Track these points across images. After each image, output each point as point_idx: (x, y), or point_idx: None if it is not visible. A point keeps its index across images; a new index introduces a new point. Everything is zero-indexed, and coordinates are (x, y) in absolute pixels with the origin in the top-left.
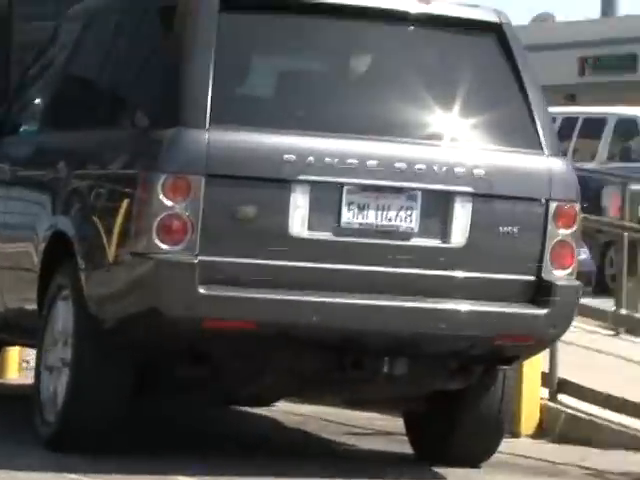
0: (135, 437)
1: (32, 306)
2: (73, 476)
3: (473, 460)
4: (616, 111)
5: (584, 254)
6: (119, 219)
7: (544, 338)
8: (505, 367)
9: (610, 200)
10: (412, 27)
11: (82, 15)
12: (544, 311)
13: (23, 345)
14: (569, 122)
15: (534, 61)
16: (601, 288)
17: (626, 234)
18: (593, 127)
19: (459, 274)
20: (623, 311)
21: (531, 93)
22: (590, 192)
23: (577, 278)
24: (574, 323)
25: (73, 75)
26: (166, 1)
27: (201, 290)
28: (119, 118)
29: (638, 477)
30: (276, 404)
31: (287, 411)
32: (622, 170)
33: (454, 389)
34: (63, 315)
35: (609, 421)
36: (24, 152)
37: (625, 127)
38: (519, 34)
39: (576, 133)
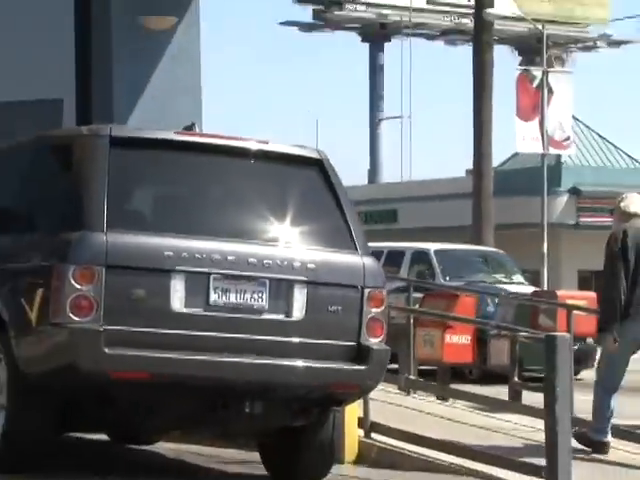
0: (59, 461)
1: None
2: None
3: (313, 477)
4: (412, 245)
5: None
6: (40, 299)
7: (364, 387)
8: (336, 408)
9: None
10: (255, 161)
11: (5, 151)
12: (363, 367)
13: None
14: (376, 254)
15: None
16: None
17: (412, 318)
18: (395, 257)
19: (299, 340)
20: (412, 377)
21: (347, 210)
22: None
23: None
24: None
25: None
26: (64, 141)
27: (106, 350)
28: (37, 226)
29: None
30: (156, 444)
31: (166, 447)
32: None
33: (298, 425)
34: None
35: (409, 451)
36: None
37: (419, 257)
38: None
39: (382, 262)
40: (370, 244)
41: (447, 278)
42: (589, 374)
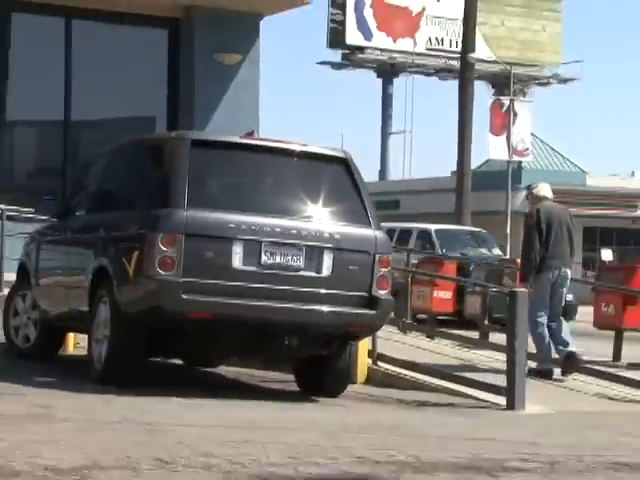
0: (147, 379)
1: (85, 308)
2: (111, 396)
3: (334, 393)
4: (417, 226)
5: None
6: (136, 258)
7: (373, 326)
8: (352, 342)
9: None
10: (297, 158)
11: (109, 151)
12: (373, 312)
13: (77, 331)
14: (389, 232)
15: None
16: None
17: (410, 278)
18: (405, 235)
19: (326, 291)
20: (409, 321)
21: (364, 196)
22: None
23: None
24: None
25: (105, 183)
26: (157, 142)
27: (184, 296)
28: (134, 205)
29: (423, 402)
30: (218, 367)
31: (226, 370)
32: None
33: (323, 354)
34: (103, 312)
35: (406, 375)
36: (78, 225)
37: (423, 235)
38: None
39: (395, 239)
40: (387, 225)
41: (444, 250)
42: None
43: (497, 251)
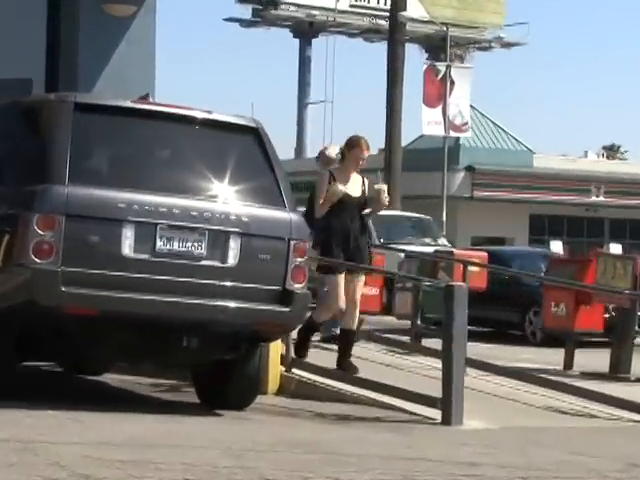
0: (17, 387)
1: None
2: None
3: (240, 406)
4: None
5: None
6: (7, 243)
7: (287, 326)
8: (263, 344)
9: None
10: (199, 127)
11: None
12: (287, 309)
13: None
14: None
15: None
16: None
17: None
18: None
19: (232, 284)
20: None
21: (277, 172)
22: None
23: None
24: None
25: None
26: (34, 106)
27: (63, 288)
28: (5, 180)
29: (345, 416)
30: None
31: (111, 378)
32: None
33: (229, 358)
34: None
35: (323, 384)
36: None
37: None
38: None
39: None
40: None
41: (381, 240)
42: None
43: (443, 241)
